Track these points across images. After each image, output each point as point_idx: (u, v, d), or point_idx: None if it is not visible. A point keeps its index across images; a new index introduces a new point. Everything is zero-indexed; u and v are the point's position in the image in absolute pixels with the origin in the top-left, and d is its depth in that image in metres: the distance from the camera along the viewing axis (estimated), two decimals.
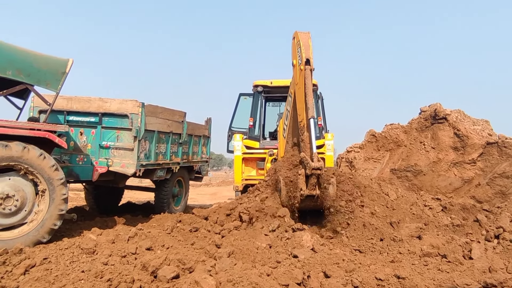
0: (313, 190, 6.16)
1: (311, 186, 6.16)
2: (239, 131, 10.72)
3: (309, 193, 6.16)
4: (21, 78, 5.23)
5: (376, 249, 5.50)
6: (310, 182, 6.14)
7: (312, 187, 6.16)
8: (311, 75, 6.55)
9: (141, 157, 6.64)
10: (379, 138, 10.09)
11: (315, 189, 6.17)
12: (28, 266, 3.96)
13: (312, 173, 6.07)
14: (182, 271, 3.90)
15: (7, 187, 4.99)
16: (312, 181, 6.13)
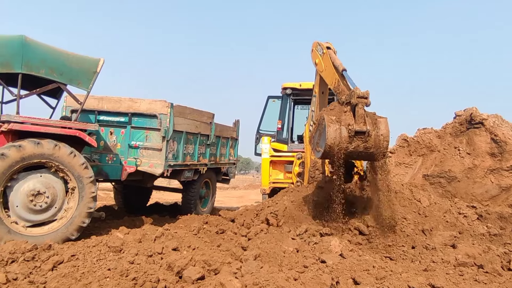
0: (362, 124, 5.36)
1: (360, 119, 5.37)
2: (267, 134, 10.64)
3: (358, 128, 5.34)
4: (54, 77, 5.32)
5: (407, 256, 5.32)
6: (358, 114, 5.38)
7: (361, 120, 5.37)
8: (334, 53, 6.43)
9: (169, 158, 6.66)
10: (411, 143, 9.82)
11: (364, 123, 5.36)
12: (56, 262, 3.99)
13: (358, 102, 5.35)
14: (208, 273, 3.84)
15: (38, 184, 5.08)
16: (359, 112, 5.39)
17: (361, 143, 5.46)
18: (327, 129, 5.46)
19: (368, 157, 5.75)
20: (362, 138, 5.42)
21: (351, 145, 5.45)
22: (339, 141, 5.40)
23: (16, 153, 4.84)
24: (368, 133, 5.38)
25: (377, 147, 5.45)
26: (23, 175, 5.02)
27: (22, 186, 4.98)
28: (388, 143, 5.49)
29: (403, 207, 7.18)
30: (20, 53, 5.01)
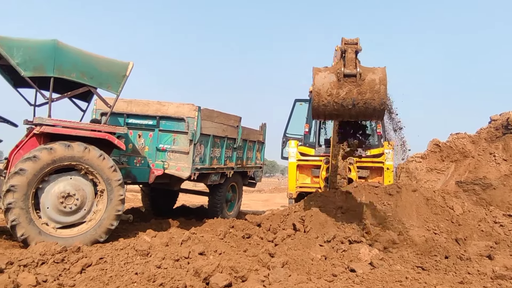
0: (352, 68, 5.06)
1: (349, 63, 5.07)
2: (294, 138, 10.55)
3: (348, 71, 5.04)
4: (85, 80, 5.40)
5: (440, 267, 5.12)
6: (347, 58, 5.11)
7: (351, 63, 5.08)
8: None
9: (196, 161, 6.65)
10: (443, 148, 9.54)
11: (355, 67, 5.06)
12: (85, 265, 4.01)
13: (348, 48, 5.11)
14: (235, 280, 3.77)
15: (68, 186, 5.15)
16: (349, 56, 5.12)
17: (354, 88, 5.10)
18: (314, 77, 5.17)
19: (367, 110, 5.21)
20: (354, 82, 5.09)
21: (343, 91, 5.11)
22: (328, 87, 5.09)
23: (48, 156, 4.92)
24: (360, 76, 5.06)
25: (373, 91, 5.06)
26: (54, 177, 5.11)
27: (53, 188, 5.06)
28: (385, 88, 5.05)
29: (435, 215, 6.96)
30: (52, 57, 5.10)
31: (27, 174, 4.78)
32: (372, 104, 5.11)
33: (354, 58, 5.14)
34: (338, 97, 5.13)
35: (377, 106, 5.11)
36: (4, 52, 4.81)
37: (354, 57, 5.14)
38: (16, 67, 4.89)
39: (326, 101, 5.19)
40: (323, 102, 5.19)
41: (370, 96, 5.07)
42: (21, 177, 4.75)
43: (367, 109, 5.18)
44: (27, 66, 4.94)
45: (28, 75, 4.97)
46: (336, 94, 5.12)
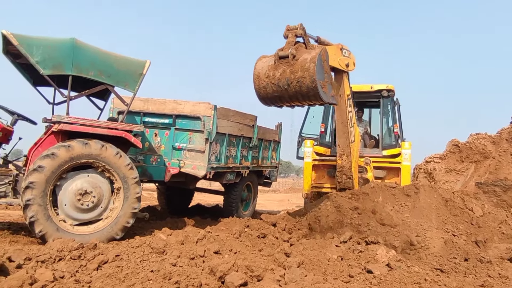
0: (286, 50, 5.62)
1: (287, 46, 5.67)
2: (310, 137, 10.47)
3: (282, 53, 5.60)
4: (102, 78, 5.43)
5: (460, 270, 5.02)
6: (287, 42, 5.68)
7: (288, 46, 5.65)
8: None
9: (212, 160, 6.64)
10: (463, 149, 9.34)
11: (289, 49, 5.61)
12: (101, 262, 4.02)
13: (288, 33, 5.70)
14: (250, 279, 3.74)
15: (85, 184, 5.19)
16: (288, 40, 5.69)
17: (287, 68, 5.52)
18: (256, 63, 5.84)
19: (302, 89, 5.53)
20: (288, 63, 5.51)
21: (278, 72, 5.60)
22: (266, 70, 5.70)
23: (66, 153, 4.97)
24: (293, 57, 5.48)
25: (304, 69, 5.39)
26: (72, 174, 5.15)
27: (70, 185, 5.11)
28: (314, 65, 5.32)
29: (454, 216, 6.83)
30: (70, 56, 5.14)
31: (45, 171, 4.83)
32: (304, 82, 5.43)
33: (292, 42, 5.65)
34: (274, 78, 5.68)
35: (309, 83, 5.41)
36: (24, 50, 4.87)
37: (292, 40, 5.66)
38: (36, 65, 4.94)
39: (264, 83, 5.82)
40: (263, 84, 5.86)
41: (301, 75, 5.44)
42: (39, 174, 4.81)
43: (301, 88, 5.51)
44: (46, 64, 4.99)
45: (47, 73, 5.02)
46: (273, 76, 5.67)
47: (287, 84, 5.60)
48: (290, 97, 5.77)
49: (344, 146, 7.97)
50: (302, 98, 5.72)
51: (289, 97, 5.79)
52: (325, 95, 5.63)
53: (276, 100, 6.02)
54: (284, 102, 6.01)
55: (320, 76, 5.51)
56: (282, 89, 5.70)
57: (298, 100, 5.83)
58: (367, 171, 8.91)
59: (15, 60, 5.76)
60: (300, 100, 5.82)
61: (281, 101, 6.02)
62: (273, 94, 5.83)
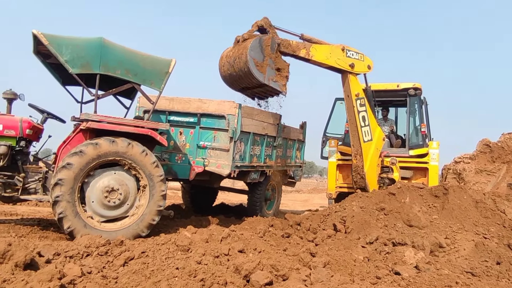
0: (241, 36, 6.89)
1: (247, 33, 6.92)
2: (334, 137, 10.36)
3: (238, 37, 6.88)
4: (129, 77, 5.49)
5: (492, 273, 4.84)
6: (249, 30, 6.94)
7: (248, 33, 6.83)
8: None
9: (236, 158, 6.64)
10: (494, 149, 9.05)
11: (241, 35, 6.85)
12: (128, 258, 4.06)
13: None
14: (276, 278, 3.71)
15: (112, 181, 5.25)
16: (251, 29, 7.00)
17: (238, 49, 6.74)
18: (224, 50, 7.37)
19: (241, 65, 6.66)
20: (240, 45, 6.74)
21: (232, 52, 6.89)
22: (226, 52, 7.13)
23: (93, 151, 5.05)
24: (243, 40, 6.71)
25: (243, 48, 6.57)
26: (99, 171, 5.23)
27: (97, 183, 5.18)
28: (250, 44, 6.48)
29: (485, 218, 6.62)
30: (98, 55, 5.22)
31: (74, 168, 4.92)
32: (242, 58, 6.54)
33: (252, 31, 6.82)
34: (228, 57, 6.91)
35: (244, 59, 6.50)
36: (54, 50, 4.97)
37: (253, 30, 6.84)
38: (65, 64, 5.04)
39: (223, 62, 7.08)
40: (222, 63, 7.11)
41: (240, 52, 6.59)
42: (68, 171, 4.89)
43: (240, 64, 6.62)
44: (75, 63, 5.08)
45: (75, 72, 5.12)
46: (227, 55, 6.95)
47: (233, 61, 6.72)
48: (237, 76, 6.87)
49: (357, 146, 7.97)
50: (245, 76, 6.70)
51: (238, 77, 6.89)
52: (259, 74, 6.54)
53: (231, 80, 7.17)
54: (236, 83, 7.20)
55: (256, 55, 6.52)
56: (230, 66, 6.84)
57: (242, 79, 6.90)
58: (393, 171, 8.75)
59: (45, 60, 5.89)
60: (242, 79, 6.88)
61: (234, 81, 7.14)
62: (227, 72, 7.02)
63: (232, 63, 6.76)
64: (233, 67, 6.77)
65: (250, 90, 7.40)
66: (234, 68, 6.75)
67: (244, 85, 7.13)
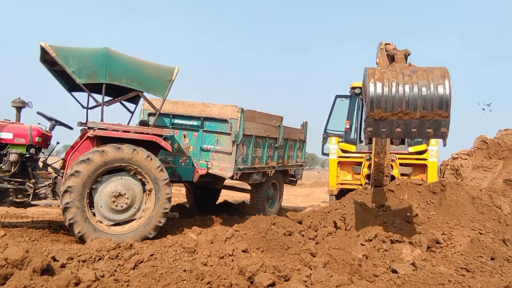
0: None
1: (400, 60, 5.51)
2: (335, 134, 10.50)
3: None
4: (134, 85, 5.69)
5: (486, 269, 5.00)
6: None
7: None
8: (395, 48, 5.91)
9: (239, 161, 6.81)
10: (491, 145, 9.20)
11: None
12: (137, 261, 4.25)
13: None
14: (278, 279, 3.90)
15: (119, 186, 5.47)
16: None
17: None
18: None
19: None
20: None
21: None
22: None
23: (100, 158, 5.25)
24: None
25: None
26: (106, 177, 5.44)
27: (105, 188, 5.40)
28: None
29: (481, 214, 6.79)
30: (104, 65, 5.41)
31: (82, 176, 5.14)
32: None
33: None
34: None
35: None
36: (61, 61, 5.17)
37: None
38: (72, 75, 5.24)
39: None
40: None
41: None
42: (76, 178, 5.11)
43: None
44: (81, 73, 5.28)
45: (82, 82, 5.32)
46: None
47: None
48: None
49: (381, 144, 7.99)
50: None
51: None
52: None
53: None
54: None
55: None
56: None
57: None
58: (392, 168, 8.90)
59: (51, 67, 6.08)
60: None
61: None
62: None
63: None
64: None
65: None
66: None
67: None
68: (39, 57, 5.79)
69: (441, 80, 4.63)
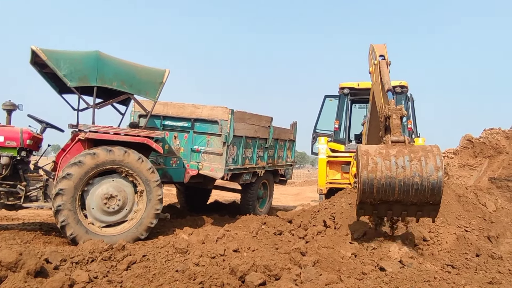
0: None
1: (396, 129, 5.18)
2: (324, 134, 10.64)
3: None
4: (125, 88, 5.73)
5: (471, 266, 5.14)
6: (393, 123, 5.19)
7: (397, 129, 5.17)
8: (386, 66, 6.02)
9: (229, 162, 6.89)
10: (476, 144, 9.40)
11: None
12: (130, 262, 4.30)
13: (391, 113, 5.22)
14: (269, 278, 3.99)
15: (111, 188, 5.51)
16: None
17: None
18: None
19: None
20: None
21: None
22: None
23: (91, 160, 5.29)
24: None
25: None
26: (98, 180, 5.48)
27: (97, 190, 5.44)
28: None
29: (466, 212, 6.95)
30: (95, 68, 5.45)
31: (74, 178, 5.17)
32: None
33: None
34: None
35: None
36: (52, 64, 5.19)
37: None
38: (63, 78, 5.27)
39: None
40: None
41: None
42: (68, 181, 5.14)
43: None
44: (73, 77, 5.31)
45: (73, 85, 5.35)
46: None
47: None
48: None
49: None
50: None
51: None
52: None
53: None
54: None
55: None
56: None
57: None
58: None
59: (42, 69, 6.09)
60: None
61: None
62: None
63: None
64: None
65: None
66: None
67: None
68: (30, 59, 5.80)
69: (435, 173, 4.74)
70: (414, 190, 4.80)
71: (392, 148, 5.00)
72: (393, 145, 5.04)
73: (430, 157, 4.85)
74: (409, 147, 5.00)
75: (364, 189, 4.87)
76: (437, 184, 4.75)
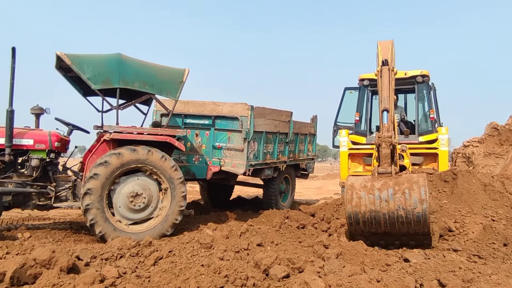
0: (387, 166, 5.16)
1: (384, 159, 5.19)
2: (345, 126, 10.58)
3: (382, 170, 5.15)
4: (146, 89, 5.87)
5: (498, 255, 5.06)
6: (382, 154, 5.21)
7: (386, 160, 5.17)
8: (389, 73, 6.02)
9: (250, 158, 6.96)
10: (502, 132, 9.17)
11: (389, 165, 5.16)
12: (157, 258, 4.44)
13: (381, 142, 5.26)
14: (292, 271, 4.05)
15: (136, 186, 5.67)
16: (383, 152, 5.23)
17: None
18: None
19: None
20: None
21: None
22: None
23: (117, 160, 5.46)
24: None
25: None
26: (123, 179, 5.64)
27: (123, 189, 5.61)
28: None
29: (493, 201, 6.82)
30: (117, 70, 5.60)
31: (100, 178, 5.35)
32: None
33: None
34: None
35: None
36: (77, 69, 5.37)
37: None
38: (87, 81, 5.44)
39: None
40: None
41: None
42: (95, 181, 5.32)
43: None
44: (96, 80, 5.48)
45: (97, 88, 5.52)
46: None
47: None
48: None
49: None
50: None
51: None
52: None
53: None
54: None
55: None
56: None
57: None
58: (403, 158, 8.95)
59: (66, 74, 6.30)
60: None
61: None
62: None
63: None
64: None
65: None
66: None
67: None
68: (55, 64, 6.01)
69: (419, 205, 4.84)
70: (399, 223, 4.93)
71: (378, 181, 5.10)
72: (379, 177, 5.15)
73: (414, 189, 4.93)
74: (395, 178, 5.09)
75: (351, 222, 5.13)
76: (422, 217, 4.85)
